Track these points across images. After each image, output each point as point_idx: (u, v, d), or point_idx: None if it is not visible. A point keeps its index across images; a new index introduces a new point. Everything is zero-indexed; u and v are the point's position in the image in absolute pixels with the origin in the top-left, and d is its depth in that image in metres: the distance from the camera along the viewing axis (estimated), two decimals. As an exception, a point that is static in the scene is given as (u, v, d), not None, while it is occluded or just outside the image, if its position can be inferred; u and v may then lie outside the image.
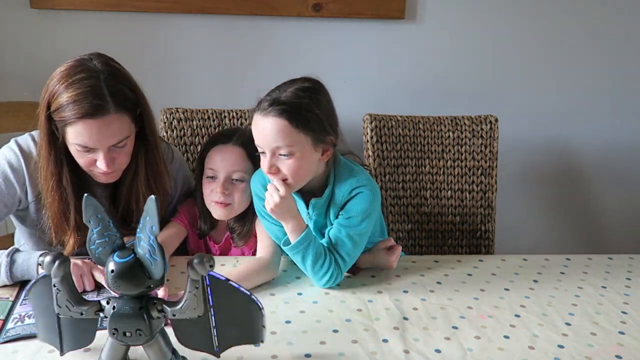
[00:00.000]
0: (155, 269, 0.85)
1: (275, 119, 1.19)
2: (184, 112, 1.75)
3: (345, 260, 1.29)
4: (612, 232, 2.38)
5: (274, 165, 1.22)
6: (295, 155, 1.21)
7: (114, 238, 0.88)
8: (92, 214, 0.87)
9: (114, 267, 0.85)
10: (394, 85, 2.11)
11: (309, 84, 1.26)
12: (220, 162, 1.38)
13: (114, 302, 0.89)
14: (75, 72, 1.18)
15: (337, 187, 1.31)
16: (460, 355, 1.07)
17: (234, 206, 1.40)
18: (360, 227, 1.29)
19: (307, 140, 1.22)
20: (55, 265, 0.86)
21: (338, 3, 1.97)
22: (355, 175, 1.31)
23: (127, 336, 0.89)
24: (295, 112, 1.20)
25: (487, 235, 1.88)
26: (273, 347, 1.07)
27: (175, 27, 1.97)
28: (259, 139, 1.23)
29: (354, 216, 1.29)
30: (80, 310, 0.91)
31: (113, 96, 1.18)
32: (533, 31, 2.10)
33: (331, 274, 1.27)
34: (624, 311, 1.26)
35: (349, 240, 1.29)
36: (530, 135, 2.21)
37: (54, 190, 1.26)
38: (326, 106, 1.27)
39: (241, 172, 1.39)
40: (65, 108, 1.17)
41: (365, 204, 1.29)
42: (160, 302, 0.90)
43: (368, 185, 1.31)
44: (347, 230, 1.29)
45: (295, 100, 1.21)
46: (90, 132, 1.18)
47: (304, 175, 1.26)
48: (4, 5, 1.89)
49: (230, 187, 1.38)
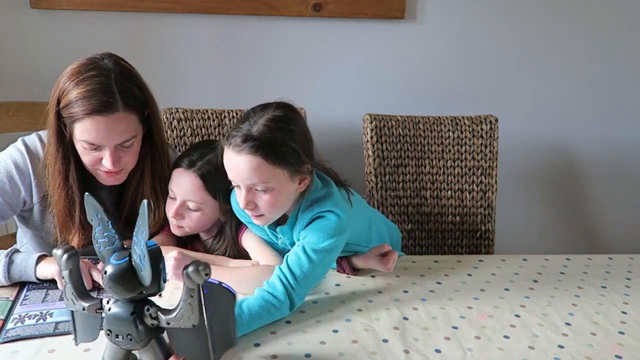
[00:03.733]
0: (145, 274, 0.83)
1: (249, 157, 1.12)
2: (184, 112, 1.75)
3: (294, 291, 1.16)
4: (612, 232, 2.38)
5: (251, 202, 1.17)
6: (272, 190, 1.15)
7: (113, 239, 0.87)
8: (92, 213, 0.87)
9: (108, 269, 0.85)
10: (394, 85, 2.11)
11: (280, 113, 1.17)
12: (177, 186, 1.31)
13: (111, 303, 0.89)
14: (86, 70, 1.20)
15: (301, 214, 1.24)
16: (460, 355, 1.07)
17: (187, 230, 1.35)
18: (318, 245, 1.19)
19: (284, 173, 1.15)
20: (64, 258, 0.87)
21: (338, 3, 1.97)
22: (322, 203, 1.22)
23: (118, 339, 0.88)
24: (269, 148, 1.12)
25: (487, 235, 1.88)
26: (273, 347, 1.07)
27: (175, 27, 1.97)
28: (232, 174, 1.17)
29: (309, 234, 1.21)
30: (83, 305, 0.91)
31: (122, 94, 1.19)
32: (533, 31, 2.10)
33: (277, 305, 1.15)
34: (624, 311, 1.26)
35: (303, 254, 1.19)
36: (530, 135, 2.21)
37: (61, 187, 1.26)
38: (300, 136, 1.18)
39: (196, 203, 1.31)
40: (74, 104, 1.18)
41: (323, 223, 1.20)
42: (155, 309, 0.88)
43: (333, 210, 1.21)
44: (298, 252, 1.20)
45: (269, 134, 1.13)
46: (98, 129, 1.19)
47: (281, 208, 1.21)
48: (4, 5, 1.89)
49: (184, 213, 1.32)
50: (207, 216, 1.34)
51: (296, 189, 1.21)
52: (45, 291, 1.22)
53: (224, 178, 1.21)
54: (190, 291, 0.84)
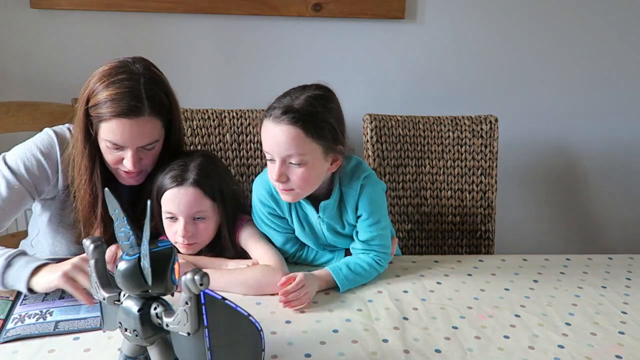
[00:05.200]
0: (146, 274, 0.84)
1: (289, 127, 1.18)
2: (184, 112, 1.75)
3: (385, 248, 1.35)
4: (612, 232, 2.38)
5: (283, 174, 1.22)
6: (306, 165, 1.21)
7: (128, 234, 0.89)
8: (112, 208, 0.89)
9: (120, 264, 0.86)
10: (394, 85, 2.11)
11: (321, 92, 1.25)
12: (178, 206, 1.27)
13: (125, 297, 0.90)
14: (117, 73, 1.23)
15: (345, 187, 1.32)
16: (460, 355, 1.07)
17: (200, 244, 1.33)
18: (381, 216, 1.34)
19: (319, 149, 1.21)
20: (91, 248, 0.92)
21: (338, 3, 1.97)
22: (356, 170, 1.33)
23: (127, 333, 0.90)
24: (309, 121, 1.19)
25: (487, 235, 1.88)
26: (273, 347, 1.07)
27: (175, 27, 1.97)
28: (269, 146, 1.22)
29: (372, 213, 1.32)
30: (104, 295, 0.92)
31: (150, 100, 1.22)
32: (533, 31, 2.10)
33: (380, 265, 1.34)
34: (624, 311, 1.26)
35: (379, 236, 1.34)
36: (530, 135, 2.21)
37: (86, 183, 1.29)
38: (337, 115, 1.27)
39: (202, 211, 1.29)
40: (102, 105, 1.21)
41: (373, 194, 1.32)
42: (162, 309, 0.88)
43: (369, 173, 1.33)
44: (374, 229, 1.33)
45: (310, 108, 1.20)
46: (123, 131, 1.22)
47: (312, 185, 1.26)
48: (4, 5, 1.89)
49: (193, 228, 1.29)
50: (213, 223, 1.33)
51: (327, 169, 1.27)
52: (45, 291, 1.22)
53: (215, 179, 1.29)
54: (187, 299, 0.83)
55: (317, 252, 1.41)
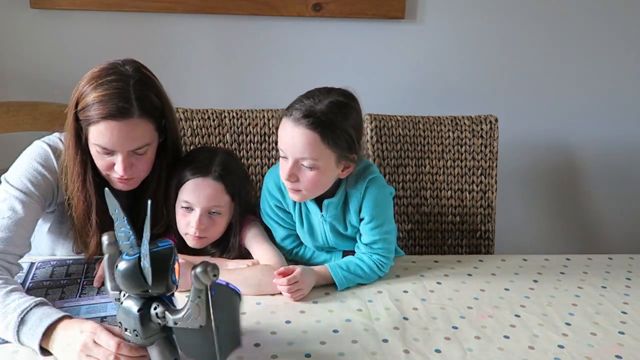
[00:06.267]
0: (146, 273, 0.84)
1: (307, 131, 1.18)
2: (184, 112, 1.75)
3: (388, 252, 1.34)
4: (612, 232, 2.38)
5: (294, 175, 1.22)
6: (317, 169, 1.21)
7: (129, 234, 0.89)
8: (112, 207, 0.90)
9: (120, 264, 0.87)
10: (394, 85, 2.11)
11: (345, 100, 1.24)
12: (198, 197, 1.28)
13: (125, 297, 0.91)
14: (106, 74, 1.20)
15: (350, 187, 1.32)
16: (460, 355, 1.07)
17: (209, 239, 1.34)
18: (384, 219, 1.33)
19: (333, 156, 1.22)
20: (105, 244, 0.95)
21: (338, 3, 1.97)
22: (363, 172, 1.32)
23: (127, 332, 0.90)
24: (328, 128, 1.18)
25: (487, 235, 1.88)
26: (273, 347, 1.07)
27: (175, 27, 1.97)
28: (285, 145, 1.22)
29: (374, 216, 1.31)
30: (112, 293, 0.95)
31: (139, 101, 1.19)
32: (533, 31, 2.10)
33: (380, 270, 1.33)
34: (624, 311, 1.26)
35: (382, 239, 1.33)
36: (530, 135, 2.21)
37: (80, 191, 1.25)
38: (357, 125, 1.25)
39: (219, 207, 1.30)
40: (90, 107, 1.18)
41: (377, 196, 1.31)
42: (163, 308, 0.89)
43: (375, 176, 1.32)
44: (376, 232, 1.32)
45: (330, 115, 1.19)
46: (112, 134, 1.18)
47: (320, 189, 1.27)
48: (4, 5, 1.89)
49: (207, 222, 1.30)
50: (225, 220, 1.33)
51: (338, 174, 1.27)
52: (45, 290, 1.22)
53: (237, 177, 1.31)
54: (198, 292, 0.83)
55: (314, 252, 1.41)
